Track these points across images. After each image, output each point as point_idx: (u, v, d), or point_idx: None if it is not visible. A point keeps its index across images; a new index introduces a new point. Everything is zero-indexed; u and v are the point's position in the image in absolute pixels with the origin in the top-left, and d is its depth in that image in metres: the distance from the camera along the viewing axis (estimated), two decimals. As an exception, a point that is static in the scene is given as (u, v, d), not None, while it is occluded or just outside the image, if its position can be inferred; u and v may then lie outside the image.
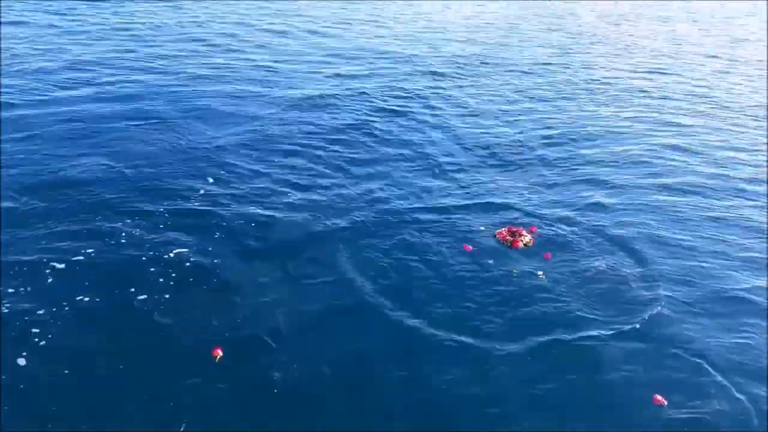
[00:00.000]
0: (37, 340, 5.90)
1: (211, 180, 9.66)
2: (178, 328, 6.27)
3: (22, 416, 5.06)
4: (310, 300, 6.96)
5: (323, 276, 7.44)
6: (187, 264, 7.34)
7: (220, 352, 5.94)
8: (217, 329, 6.32)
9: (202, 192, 9.23)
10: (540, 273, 7.95)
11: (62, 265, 7.02)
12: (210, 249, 7.71)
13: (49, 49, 16.28)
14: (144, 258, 7.36)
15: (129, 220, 8.15)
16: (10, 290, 6.50)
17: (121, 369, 5.68)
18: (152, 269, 7.16)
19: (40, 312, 6.24)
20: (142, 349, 5.96)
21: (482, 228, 9.06)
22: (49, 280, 6.77)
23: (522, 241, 8.52)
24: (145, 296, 6.69)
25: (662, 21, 32.58)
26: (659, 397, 5.93)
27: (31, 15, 19.91)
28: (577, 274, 7.99)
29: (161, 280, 7.00)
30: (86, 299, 6.54)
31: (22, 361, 5.62)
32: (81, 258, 7.21)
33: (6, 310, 6.20)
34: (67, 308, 6.35)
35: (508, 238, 8.58)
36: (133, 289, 6.76)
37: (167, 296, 6.73)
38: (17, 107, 11.92)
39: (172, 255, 7.46)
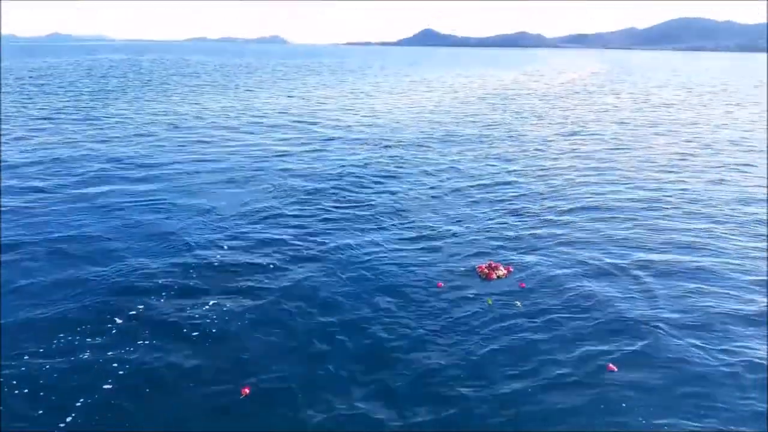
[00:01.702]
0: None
1: (226, 246, 11.19)
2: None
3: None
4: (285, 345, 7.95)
5: (296, 320, 8.54)
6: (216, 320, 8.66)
7: (247, 391, 7.12)
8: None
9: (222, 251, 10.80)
10: (518, 302, 9.21)
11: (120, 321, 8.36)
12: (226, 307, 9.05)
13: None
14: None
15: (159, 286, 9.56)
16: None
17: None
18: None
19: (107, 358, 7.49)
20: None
21: (462, 268, 10.49)
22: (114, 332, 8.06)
23: (496, 273, 9.98)
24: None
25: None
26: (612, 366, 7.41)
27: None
28: (551, 304, 9.23)
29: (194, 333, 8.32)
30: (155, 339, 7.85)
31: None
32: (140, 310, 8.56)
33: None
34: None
35: (486, 270, 10.05)
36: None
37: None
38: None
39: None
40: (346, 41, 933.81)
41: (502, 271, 10.11)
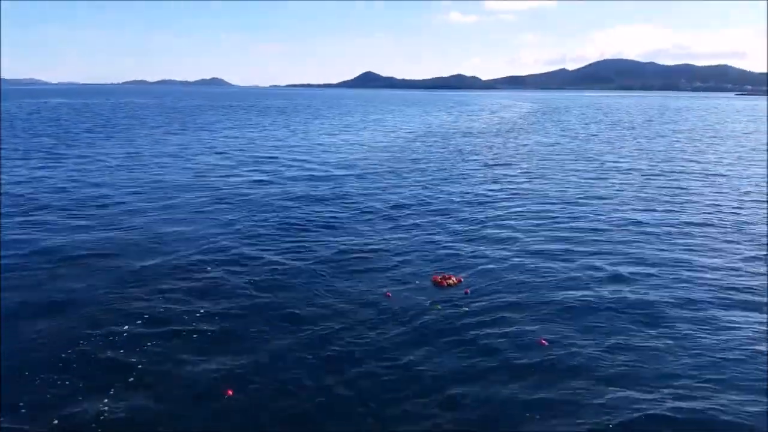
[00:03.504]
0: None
1: (213, 266, 12.49)
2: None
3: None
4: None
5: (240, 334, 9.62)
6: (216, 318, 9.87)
7: (230, 392, 7.98)
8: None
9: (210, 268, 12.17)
10: (465, 308, 10.57)
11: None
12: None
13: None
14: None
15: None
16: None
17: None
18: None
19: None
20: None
21: (417, 282, 11.94)
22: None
23: (447, 281, 11.51)
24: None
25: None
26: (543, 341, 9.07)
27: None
28: (494, 303, 10.84)
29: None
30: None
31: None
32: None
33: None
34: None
35: (438, 279, 11.59)
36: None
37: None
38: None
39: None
40: (287, 83, 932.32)
41: (452, 280, 11.64)
